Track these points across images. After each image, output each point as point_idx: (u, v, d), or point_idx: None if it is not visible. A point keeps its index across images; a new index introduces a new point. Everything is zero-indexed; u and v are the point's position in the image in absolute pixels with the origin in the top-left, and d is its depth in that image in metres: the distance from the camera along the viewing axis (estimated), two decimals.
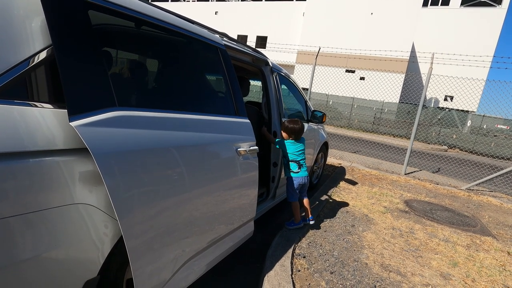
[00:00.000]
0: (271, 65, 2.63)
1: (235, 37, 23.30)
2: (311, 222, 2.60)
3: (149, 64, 1.48)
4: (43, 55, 0.93)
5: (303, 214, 2.64)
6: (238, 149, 1.70)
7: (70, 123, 0.88)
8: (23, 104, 0.87)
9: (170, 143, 1.23)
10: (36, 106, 0.90)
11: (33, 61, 0.91)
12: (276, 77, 2.72)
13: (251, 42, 23.51)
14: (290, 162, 2.55)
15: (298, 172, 2.54)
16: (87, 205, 1.00)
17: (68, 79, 0.91)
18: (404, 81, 19.13)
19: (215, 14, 25.01)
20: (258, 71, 2.69)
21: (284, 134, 2.55)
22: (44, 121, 0.90)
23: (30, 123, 0.86)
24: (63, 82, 0.89)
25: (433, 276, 2.13)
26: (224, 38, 1.98)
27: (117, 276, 1.19)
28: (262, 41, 23.73)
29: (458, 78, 6.88)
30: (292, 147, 2.53)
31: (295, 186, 2.54)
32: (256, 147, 1.87)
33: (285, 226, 2.56)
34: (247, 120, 1.88)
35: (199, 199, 1.41)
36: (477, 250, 2.67)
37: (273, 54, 10.26)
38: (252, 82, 4.26)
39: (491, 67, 6.41)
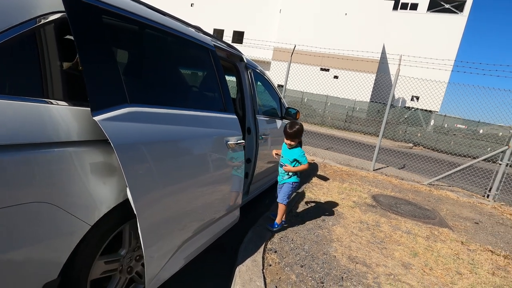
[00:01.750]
0: (245, 61, 2.63)
1: (211, 31, 22.93)
2: (285, 225, 2.64)
3: (153, 65, 1.57)
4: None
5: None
6: (228, 142, 1.86)
7: (93, 118, 1.01)
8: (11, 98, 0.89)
9: (174, 136, 1.40)
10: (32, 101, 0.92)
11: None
12: (250, 74, 2.72)
13: (228, 37, 23.25)
14: None
15: (299, 176, 2.51)
16: (48, 204, 0.95)
17: (91, 78, 1.04)
18: (374, 81, 19.96)
19: (191, 6, 24.41)
20: (233, 67, 2.67)
21: (296, 141, 2.40)
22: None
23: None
24: (86, 81, 1.02)
25: (396, 266, 2.26)
26: (200, 33, 1.95)
27: (80, 277, 1.14)
28: (239, 36, 23.56)
29: (423, 80, 7.30)
30: None
31: (295, 190, 2.50)
32: (243, 141, 2.03)
33: (268, 229, 2.49)
34: (235, 116, 2.05)
35: (198, 185, 1.60)
36: (435, 241, 2.88)
37: (250, 50, 10.22)
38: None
39: (452, 70, 6.85)
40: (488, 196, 5.13)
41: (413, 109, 16.51)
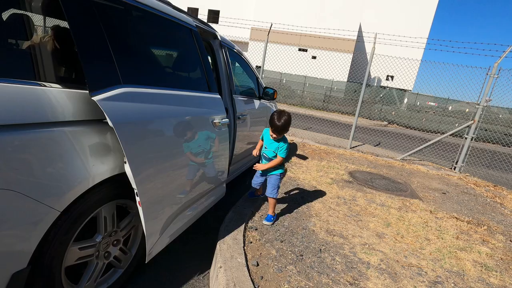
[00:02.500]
0: (220, 39, 2.53)
1: (186, 10, 21.88)
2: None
3: (142, 46, 1.57)
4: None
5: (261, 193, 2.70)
6: (213, 121, 1.94)
7: (92, 98, 1.06)
8: None
9: (165, 115, 1.46)
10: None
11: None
12: (226, 52, 2.64)
13: (203, 15, 22.33)
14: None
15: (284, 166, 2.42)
16: (10, 191, 0.89)
17: (87, 59, 1.09)
18: (352, 61, 20.16)
19: None
20: (207, 45, 2.57)
21: (283, 134, 2.24)
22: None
23: None
24: (83, 61, 1.06)
25: (370, 236, 2.39)
26: (170, 6, 1.84)
27: (53, 265, 1.10)
28: (214, 15, 22.70)
29: (397, 58, 7.46)
30: None
31: (281, 180, 2.42)
32: (227, 119, 2.11)
33: (265, 224, 2.34)
34: (218, 96, 2.12)
35: (190, 161, 1.69)
36: (406, 211, 3.05)
37: (226, 30, 9.90)
38: None
39: (425, 49, 7.03)
40: (454, 168, 5.48)
41: (388, 88, 16.97)
